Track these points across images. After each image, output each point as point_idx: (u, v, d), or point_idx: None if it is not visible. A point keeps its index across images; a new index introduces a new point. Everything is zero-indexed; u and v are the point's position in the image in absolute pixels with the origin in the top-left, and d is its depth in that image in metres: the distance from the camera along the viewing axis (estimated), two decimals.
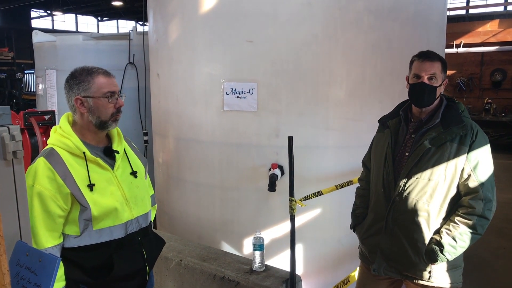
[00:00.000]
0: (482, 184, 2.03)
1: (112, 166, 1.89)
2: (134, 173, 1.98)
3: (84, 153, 1.80)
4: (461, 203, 2.08)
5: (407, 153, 2.17)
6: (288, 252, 2.63)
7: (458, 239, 2.03)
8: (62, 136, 1.82)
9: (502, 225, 5.54)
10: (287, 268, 2.63)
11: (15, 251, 1.29)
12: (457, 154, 2.04)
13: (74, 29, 29.30)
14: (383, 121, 2.36)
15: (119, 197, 1.87)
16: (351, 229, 2.52)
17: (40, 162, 1.74)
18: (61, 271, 1.75)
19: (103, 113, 1.84)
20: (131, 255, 1.93)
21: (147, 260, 1.99)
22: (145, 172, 2.12)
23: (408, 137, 2.21)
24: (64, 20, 29.19)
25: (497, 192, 2.12)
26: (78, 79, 1.83)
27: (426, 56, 2.15)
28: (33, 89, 12.77)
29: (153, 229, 2.16)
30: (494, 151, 2.16)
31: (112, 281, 1.86)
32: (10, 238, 1.29)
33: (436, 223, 2.11)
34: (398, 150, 2.22)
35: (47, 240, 1.72)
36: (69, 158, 1.78)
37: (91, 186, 1.78)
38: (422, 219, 2.11)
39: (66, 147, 1.79)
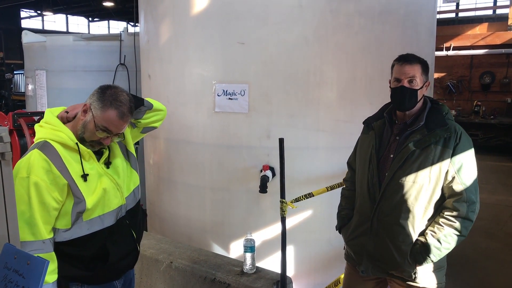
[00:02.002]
0: (466, 186, 2.04)
1: (99, 159, 1.94)
2: (117, 162, 2.01)
3: (77, 144, 1.83)
4: (445, 205, 2.09)
5: (391, 155, 2.18)
6: (279, 253, 2.63)
7: (442, 241, 2.05)
8: (54, 130, 1.83)
9: (491, 226, 5.60)
10: (278, 269, 2.63)
11: (3, 254, 1.28)
12: (441, 156, 2.05)
13: (65, 30, 29.05)
14: (367, 123, 2.37)
15: (110, 183, 1.91)
16: (336, 230, 2.53)
17: (35, 154, 1.74)
18: (54, 265, 1.75)
19: (87, 135, 1.86)
20: (123, 239, 1.99)
21: (137, 240, 2.07)
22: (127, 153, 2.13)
23: (393, 139, 2.21)
24: (54, 21, 28.93)
25: (486, 194, 2.14)
26: (102, 96, 1.82)
27: (405, 59, 2.16)
28: (22, 90, 12.65)
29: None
30: (483, 153, 2.18)
31: (107, 267, 1.90)
32: None
33: (421, 225, 2.12)
34: (383, 152, 2.23)
35: (45, 231, 1.73)
36: (62, 150, 1.80)
37: (84, 176, 1.81)
38: (407, 221, 2.12)
39: (60, 139, 1.81)
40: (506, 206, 6.49)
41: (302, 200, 2.81)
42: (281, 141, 2.54)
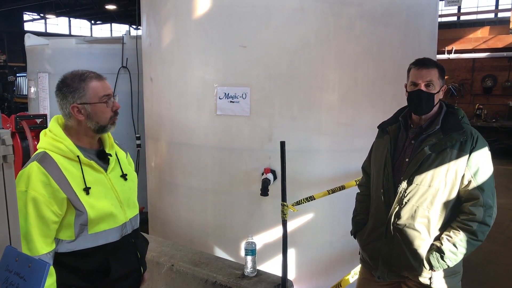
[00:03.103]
0: (482, 191, 2.03)
1: (105, 169, 1.88)
2: (124, 176, 1.97)
3: (78, 156, 1.77)
4: (461, 210, 2.08)
5: (406, 159, 2.16)
6: (280, 256, 2.62)
7: (458, 246, 2.02)
8: (55, 140, 1.78)
9: (493, 230, 5.53)
10: (279, 273, 2.62)
11: (4, 257, 1.28)
12: (457, 160, 2.04)
13: (67, 33, 29.17)
14: (382, 127, 2.35)
15: (114, 200, 1.87)
16: (351, 235, 2.50)
17: (33, 167, 1.69)
18: (52, 279, 1.70)
19: (102, 118, 1.81)
20: (126, 257, 1.94)
21: (140, 260, 2.02)
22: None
23: (408, 143, 2.20)
24: (57, 23, 29.07)
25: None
26: (71, 86, 1.77)
27: (422, 63, 2.15)
28: (25, 92, 12.69)
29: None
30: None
31: (108, 283, 1.86)
32: None
33: (436, 229, 2.11)
34: (398, 156, 2.21)
35: (42, 246, 1.68)
36: (63, 161, 1.75)
37: (87, 190, 1.76)
38: (422, 226, 2.10)
39: (60, 151, 1.76)
40: (508, 210, 6.48)
41: (303, 203, 2.81)
42: (282, 144, 2.54)
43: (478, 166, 2.04)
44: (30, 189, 1.66)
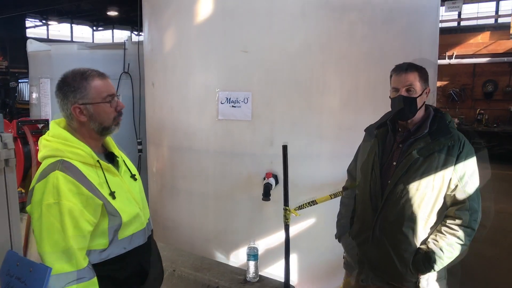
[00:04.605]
0: (468, 195, 2.04)
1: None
2: (133, 176, 1.90)
3: (98, 161, 1.68)
4: (447, 214, 2.08)
5: (394, 163, 2.16)
6: (282, 261, 2.62)
7: (445, 250, 2.03)
8: (69, 146, 1.65)
9: (495, 235, 5.55)
10: (281, 277, 2.61)
11: (5, 261, 1.28)
12: (444, 164, 2.05)
13: (69, 38, 29.28)
14: (370, 130, 2.36)
15: (134, 202, 1.80)
16: (336, 238, 2.50)
17: (59, 176, 1.55)
18: None
19: (106, 119, 1.72)
20: (154, 259, 1.91)
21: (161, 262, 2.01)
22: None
23: (396, 147, 2.20)
24: (59, 29, 29.20)
25: (489, 202, 2.13)
26: (72, 85, 1.68)
27: (401, 68, 2.16)
28: (27, 98, 12.72)
29: None
30: (485, 161, 2.16)
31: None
32: (0, 248, 1.28)
33: (423, 233, 2.11)
34: (386, 159, 2.21)
35: (82, 260, 1.57)
36: (82, 167, 1.64)
37: (112, 194, 1.67)
38: (409, 229, 2.10)
39: (79, 157, 1.64)
40: (510, 215, 6.45)
41: (305, 207, 2.81)
42: (284, 147, 2.54)
43: (465, 170, 2.05)
44: (64, 199, 1.53)
